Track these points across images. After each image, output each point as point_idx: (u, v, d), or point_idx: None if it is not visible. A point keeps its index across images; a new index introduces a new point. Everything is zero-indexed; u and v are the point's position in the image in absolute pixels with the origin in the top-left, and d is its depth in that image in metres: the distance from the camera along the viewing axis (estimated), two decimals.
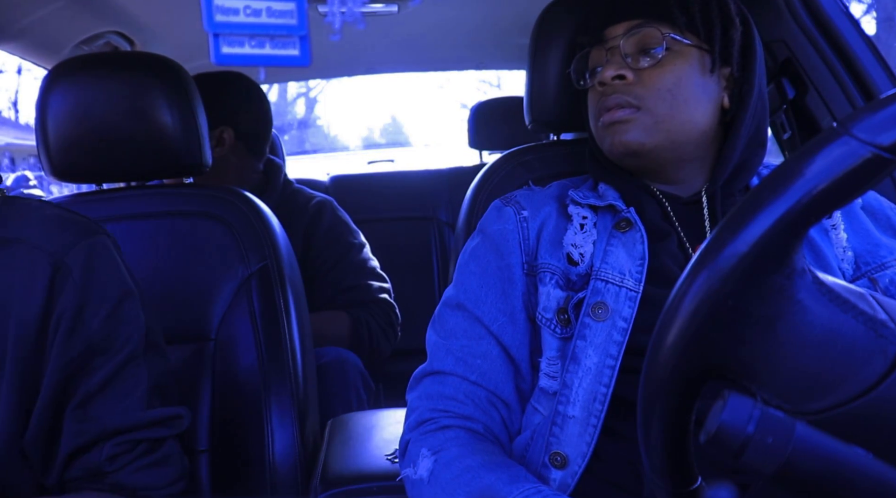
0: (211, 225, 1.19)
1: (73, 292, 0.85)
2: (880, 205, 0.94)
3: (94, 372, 0.86)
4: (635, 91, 0.88)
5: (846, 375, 0.44)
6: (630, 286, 0.85)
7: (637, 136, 0.88)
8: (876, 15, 6.54)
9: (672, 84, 0.87)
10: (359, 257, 1.78)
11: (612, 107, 0.89)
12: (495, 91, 8.32)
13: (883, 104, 0.42)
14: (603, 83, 0.89)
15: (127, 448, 0.86)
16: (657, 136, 0.88)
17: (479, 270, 0.93)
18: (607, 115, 0.90)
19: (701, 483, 0.53)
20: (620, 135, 0.89)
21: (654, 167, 0.92)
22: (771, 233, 0.43)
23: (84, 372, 0.85)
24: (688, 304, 0.45)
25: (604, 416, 0.82)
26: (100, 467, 0.85)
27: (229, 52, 0.42)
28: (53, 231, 0.87)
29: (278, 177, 1.84)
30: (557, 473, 0.84)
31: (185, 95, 1.18)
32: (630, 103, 0.88)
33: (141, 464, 0.88)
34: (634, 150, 0.89)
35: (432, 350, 0.92)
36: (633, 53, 0.89)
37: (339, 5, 0.41)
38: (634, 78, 0.88)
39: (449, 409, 0.88)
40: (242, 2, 0.41)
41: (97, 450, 0.85)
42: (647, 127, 0.88)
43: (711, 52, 0.88)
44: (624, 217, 0.90)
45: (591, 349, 0.84)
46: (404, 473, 0.85)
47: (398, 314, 1.79)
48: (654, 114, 0.87)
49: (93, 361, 0.86)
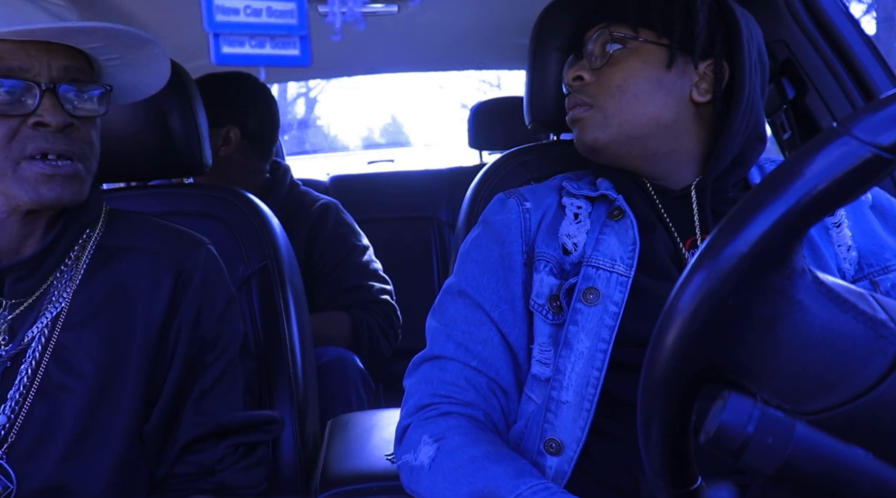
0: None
1: (194, 296, 0.94)
2: (891, 205, 0.93)
3: (206, 370, 0.95)
4: (590, 89, 0.92)
5: (846, 375, 0.44)
6: (621, 271, 0.86)
7: (591, 132, 0.92)
8: (876, 15, 6.54)
9: (621, 80, 0.90)
10: (361, 259, 1.78)
11: (572, 106, 0.95)
12: (495, 91, 8.33)
13: (883, 104, 0.42)
14: (570, 86, 0.96)
15: (232, 450, 0.95)
16: (609, 131, 0.91)
17: (481, 258, 0.93)
18: (569, 114, 0.96)
19: (701, 483, 0.53)
20: (579, 131, 0.95)
21: (626, 162, 0.94)
22: (771, 233, 0.43)
23: (198, 369, 0.94)
24: (688, 304, 0.45)
25: (596, 401, 0.83)
26: (212, 466, 0.94)
27: (230, 51, 0.42)
28: (170, 240, 0.97)
29: (285, 179, 1.85)
30: (553, 460, 0.84)
31: (185, 96, 1.18)
32: (584, 102, 0.93)
33: (241, 466, 0.96)
34: (590, 145, 0.93)
35: (432, 336, 0.93)
36: (592, 54, 0.93)
37: (340, 5, 0.41)
38: (591, 78, 0.93)
39: (450, 394, 0.88)
40: (243, 2, 0.41)
41: (211, 449, 0.94)
42: (598, 123, 0.92)
43: (670, 49, 0.90)
44: (617, 206, 0.91)
45: (584, 334, 0.84)
46: (403, 458, 0.85)
47: (399, 316, 1.78)
48: (604, 110, 0.91)
49: (204, 359, 0.95)
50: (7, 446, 0.85)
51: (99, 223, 0.96)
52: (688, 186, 0.92)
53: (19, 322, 0.89)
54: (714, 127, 0.93)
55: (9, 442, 0.85)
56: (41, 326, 0.89)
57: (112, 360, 0.89)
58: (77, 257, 0.92)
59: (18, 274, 0.88)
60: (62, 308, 0.90)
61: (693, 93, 0.91)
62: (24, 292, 0.90)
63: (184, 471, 0.93)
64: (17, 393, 0.87)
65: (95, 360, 0.89)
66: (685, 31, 0.90)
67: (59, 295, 0.90)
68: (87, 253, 0.93)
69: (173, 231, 0.99)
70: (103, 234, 0.95)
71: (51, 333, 0.89)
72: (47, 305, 0.90)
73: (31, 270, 0.89)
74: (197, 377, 0.94)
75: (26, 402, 0.87)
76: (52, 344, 0.88)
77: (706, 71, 0.91)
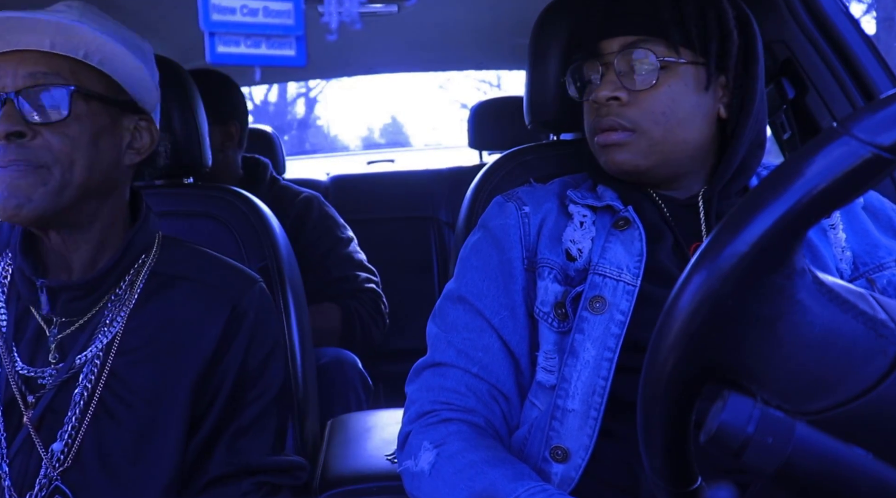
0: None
1: (247, 332, 0.93)
2: (882, 205, 0.93)
3: (245, 408, 0.93)
4: (629, 113, 0.87)
5: (846, 375, 0.44)
6: (628, 280, 0.86)
7: (631, 158, 0.88)
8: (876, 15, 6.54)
9: (666, 106, 0.86)
10: (346, 250, 1.81)
11: (607, 128, 0.88)
12: (495, 91, 8.32)
13: (883, 104, 0.42)
14: (597, 102, 0.89)
15: (256, 487, 0.92)
16: (652, 158, 0.88)
17: (481, 264, 0.93)
18: (602, 136, 0.89)
19: (701, 483, 0.53)
20: (615, 155, 0.89)
21: (647, 179, 0.92)
22: (771, 233, 0.43)
23: (238, 406, 0.93)
24: (688, 304, 0.45)
25: (603, 409, 0.83)
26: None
27: (224, 51, 0.41)
28: (226, 274, 0.97)
29: (265, 174, 1.86)
30: (559, 467, 0.84)
31: (185, 95, 1.18)
32: (624, 127, 0.87)
33: None
34: (628, 170, 0.89)
35: (433, 342, 0.92)
36: (627, 72, 0.87)
37: (337, 6, 0.41)
38: (628, 98, 0.87)
39: (451, 401, 0.88)
40: (239, 1, 0.41)
41: (236, 485, 0.92)
42: (641, 150, 0.87)
43: (707, 67, 0.87)
44: (622, 216, 0.90)
45: (589, 343, 0.84)
46: (404, 465, 0.85)
47: (385, 303, 1.80)
48: (649, 137, 0.87)
49: (245, 397, 0.93)
50: (63, 469, 0.86)
51: (153, 250, 0.95)
52: (694, 195, 0.92)
53: (69, 342, 0.89)
54: (721, 136, 0.93)
55: (65, 466, 0.86)
56: (95, 351, 0.88)
57: (161, 389, 0.89)
58: (132, 282, 0.92)
59: (74, 294, 0.88)
60: (116, 333, 0.89)
61: (721, 110, 0.90)
62: (76, 312, 0.89)
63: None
64: (74, 418, 0.86)
65: (145, 389, 0.88)
66: (721, 50, 0.87)
67: (112, 319, 0.90)
68: (140, 278, 0.92)
69: (228, 266, 0.98)
70: (157, 261, 0.94)
71: (104, 358, 0.88)
72: (101, 329, 0.89)
73: (87, 291, 0.89)
74: (235, 414, 0.93)
75: (82, 427, 0.86)
76: (106, 370, 0.88)
77: (729, 86, 0.90)
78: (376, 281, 1.81)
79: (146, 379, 0.89)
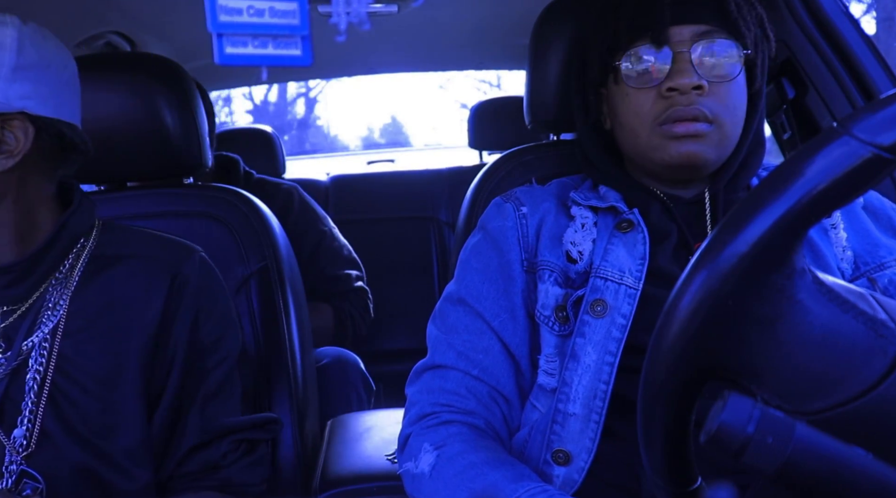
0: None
1: (191, 300, 0.94)
2: (882, 205, 0.93)
3: (209, 374, 0.94)
4: (709, 104, 0.85)
5: (846, 375, 0.44)
6: (629, 284, 0.85)
7: (707, 151, 0.86)
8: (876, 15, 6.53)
9: (738, 100, 0.87)
10: (333, 245, 1.83)
11: (688, 118, 0.85)
12: (495, 91, 8.31)
13: (883, 104, 0.42)
14: (675, 89, 0.85)
15: (234, 446, 0.95)
16: (721, 152, 0.87)
17: (481, 266, 0.93)
18: (682, 126, 0.85)
19: (701, 483, 0.53)
20: (690, 147, 0.85)
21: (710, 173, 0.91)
22: (771, 233, 0.43)
23: (201, 374, 0.94)
24: (688, 304, 0.45)
25: (605, 412, 0.83)
26: (217, 462, 0.94)
27: (233, 52, 0.42)
28: (164, 246, 0.97)
29: (237, 169, 1.87)
30: (561, 470, 0.84)
31: (185, 95, 1.18)
32: (707, 117, 0.85)
33: (244, 463, 0.96)
34: (698, 164, 0.87)
35: (433, 344, 0.92)
36: (706, 62, 0.85)
37: (345, 6, 0.41)
38: (709, 89, 0.85)
39: (451, 403, 0.88)
40: (246, 2, 0.42)
41: (216, 447, 0.94)
42: (716, 143, 0.86)
43: (754, 68, 0.88)
44: (626, 218, 0.90)
45: (591, 346, 0.84)
46: (404, 467, 0.85)
47: (371, 298, 1.86)
48: (724, 130, 0.86)
49: (206, 364, 0.95)
50: (27, 454, 0.87)
51: (93, 234, 0.96)
52: (699, 193, 0.92)
53: (13, 329, 0.90)
54: None
55: (29, 450, 0.87)
56: (42, 335, 0.89)
57: (113, 367, 0.90)
58: (71, 266, 0.93)
59: (6, 279, 0.88)
60: (60, 317, 0.90)
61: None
62: (15, 299, 0.90)
63: (189, 470, 0.94)
64: (31, 402, 0.88)
65: (97, 368, 0.89)
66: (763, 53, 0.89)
67: (55, 303, 0.91)
68: (81, 262, 0.93)
69: (166, 239, 0.99)
70: (97, 244, 0.95)
71: (52, 342, 0.89)
72: (45, 313, 0.90)
73: (18, 276, 0.89)
74: (201, 382, 0.94)
75: (39, 411, 0.88)
76: (55, 353, 0.89)
77: None
78: (363, 276, 1.86)
79: (95, 359, 0.90)
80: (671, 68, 0.86)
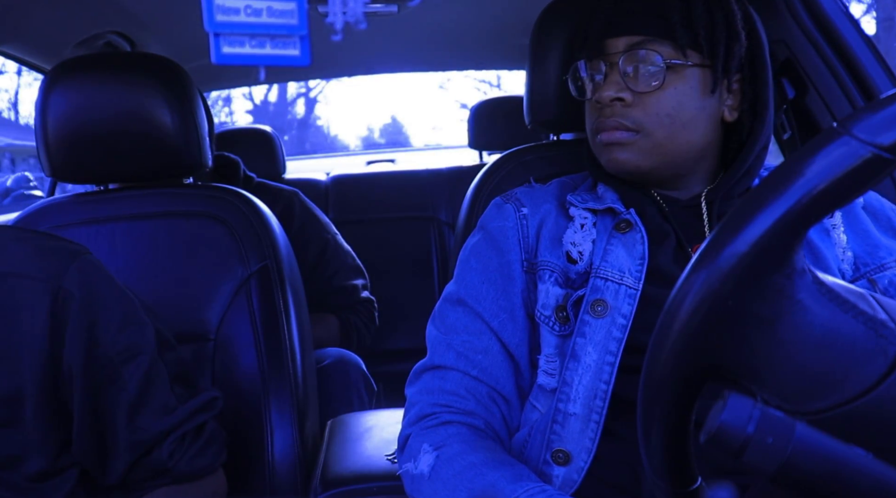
0: (211, 225, 1.19)
1: (80, 315, 0.86)
2: (881, 205, 0.93)
3: (127, 383, 0.89)
4: (633, 114, 0.86)
5: (846, 375, 0.44)
6: (629, 284, 0.85)
7: (633, 158, 0.87)
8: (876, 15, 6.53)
9: (672, 108, 0.86)
10: (337, 254, 1.82)
11: (610, 128, 0.88)
12: (495, 91, 8.33)
13: (883, 104, 0.42)
14: (600, 102, 0.88)
15: (178, 443, 0.92)
16: (654, 159, 0.88)
17: (480, 266, 0.93)
18: (605, 135, 0.88)
19: (701, 483, 0.53)
20: (617, 154, 0.88)
21: (648, 180, 0.92)
22: (771, 233, 0.43)
23: (117, 386, 0.89)
24: (688, 304, 0.45)
25: (605, 412, 0.83)
26: (163, 465, 0.92)
27: (230, 51, 0.42)
28: (43, 260, 0.88)
29: (237, 172, 1.86)
30: (560, 470, 0.84)
31: (184, 95, 1.18)
32: (628, 127, 0.86)
33: (193, 452, 0.94)
34: (630, 170, 0.89)
35: (432, 345, 0.92)
36: (632, 73, 0.86)
37: (341, 6, 0.41)
38: (633, 99, 0.86)
39: (450, 404, 0.88)
40: (243, 1, 0.41)
41: (157, 453, 0.91)
42: (644, 150, 0.87)
43: (714, 70, 0.86)
44: (624, 218, 0.90)
45: (591, 346, 0.84)
46: (404, 467, 0.85)
47: (376, 306, 1.84)
48: (653, 138, 0.86)
49: (122, 373, 0.89)
50: None
51: None
52: (696, 196, 0.92)
53: None
54: (725, 139, 0.93)
55: None
56: None
57: (10, 389, 0.84)
58: None
59: None
60: None
61: (725, 113, 0.89)
62: None
63: (139, 476, 0.91)
64: None
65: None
66: (728, 52, 0.86)
67: None
68: None
69: (43, 247, 0.90)
70: None
71: None
72: None
73: None
74: (121, 393, 0.89)
75: None
76: None
77: (735, 89, 0.89)
78: (367, 285, 1.85)
79: None
80: (603, 81, 0.89)
